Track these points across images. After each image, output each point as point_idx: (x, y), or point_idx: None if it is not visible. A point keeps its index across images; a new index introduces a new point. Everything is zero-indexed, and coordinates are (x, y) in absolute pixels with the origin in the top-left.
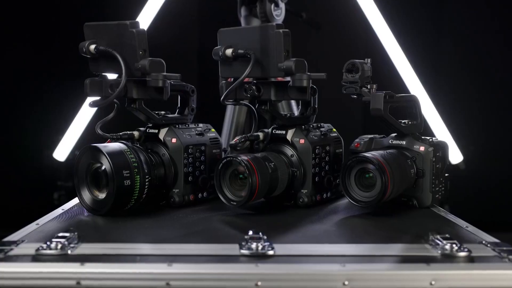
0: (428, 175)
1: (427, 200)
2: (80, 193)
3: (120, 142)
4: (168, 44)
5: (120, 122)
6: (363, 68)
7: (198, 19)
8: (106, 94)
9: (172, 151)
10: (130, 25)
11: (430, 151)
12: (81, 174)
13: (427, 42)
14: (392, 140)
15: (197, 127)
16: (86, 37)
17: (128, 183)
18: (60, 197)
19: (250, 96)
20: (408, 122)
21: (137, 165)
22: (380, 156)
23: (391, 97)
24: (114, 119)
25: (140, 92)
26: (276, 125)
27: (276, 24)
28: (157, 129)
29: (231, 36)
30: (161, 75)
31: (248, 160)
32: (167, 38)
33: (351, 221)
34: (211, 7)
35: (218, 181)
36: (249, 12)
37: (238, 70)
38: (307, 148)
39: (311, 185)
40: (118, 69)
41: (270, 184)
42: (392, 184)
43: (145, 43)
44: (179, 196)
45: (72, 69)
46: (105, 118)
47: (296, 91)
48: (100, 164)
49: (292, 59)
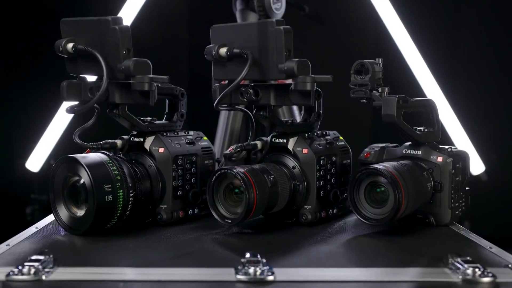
0: (447, 189)
1: (446, 217)
2: (56, 209)
3: (100, 152)
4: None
5: (100, 130)
6: (373, 69)
7: (188, 13)
8: (85, 99)
9: (159, 162)
10: (112, 21)
11: (449, 162)
12: (57, 189)
13: (444, 39)
14: (406, 149)
15: (187, 135)
16: (63, 34)
17: (110, 198)
18: (34, 212)
19: (247, 100)
20: (424, 130)
21: (120, 178)
22: (393, 168)
23: (405, 102)
24: (94, 126)
25: (124, 96)
26: (276, 133)
27: (276, 20)
28: (142, 138)
29: (225, 33)
30: (147, 78)
31: (245, 173)
32: (153, 34)
33: (361, 242)
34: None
35: (211, 196)
36: (245, 6)
37: (233, 71)
38: (311, 159)
39: (315, 200)
40: (98, 70)
41: (270, 200)
42: (406, 200)
43: (129, 41)
44: (167, 212)
45: (47, 69)
46: (84, 125)
47: (298, 96)
48: (78, 177)
49: (294, 59)
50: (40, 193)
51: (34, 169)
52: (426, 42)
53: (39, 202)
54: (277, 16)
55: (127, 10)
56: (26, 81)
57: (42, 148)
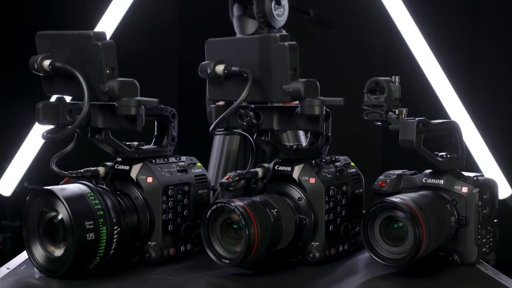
0: (473, 224)
1: (472, 255)
2: (30, 249)
3: (80, 182)
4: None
5: (81, 155)
6: (389, 88)
7: (177, 21)
8: (63, 122)
9: (148, 194)
10: (94, 36)
11: (475, 193)
12: (31, 225)
13: (469, 52)
14: (427, 178)
15: (178, 161)
16: (38, 49)
17: (92, 236)
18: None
19: (246, 124)
20: (446, 156)
21: (103, 213)
22: (411, 200)
23: (425, 125)
24: (73, 151)
25: (107, 120)
26: (279, 159)
27: (280, 34)
28: (128, 165)
29: (222, 48)
30: (133, 101)
31: (244, 207)
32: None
33: (375, 284)
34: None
35: (206, 232)
36: (243, 12)
37: (231, 92)
38: (319, 189)
39: (324, 236)
40: (79, 91)
41: (272, 236)
42: (427, 237)
43: (114, 59)
44: (156, 250)
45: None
46: (62, 151)
47: (305, 120)
48: (55, 212)
49: (300, 79)
50: (12, 219)
51: (6, 192)
52: (447, 53)
53: (12, 229)
54: (279, 23)
55: (107, 18)
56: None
57: (15, 170)
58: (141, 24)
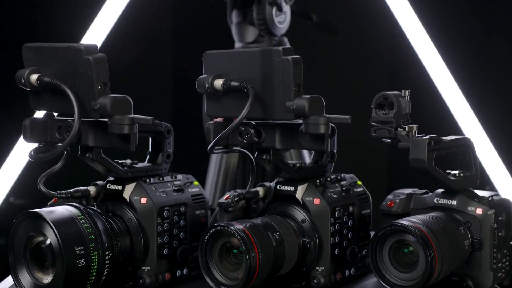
0: (488, 247)
1: (487, 281)
2: (16, 275)
3: (70, 204)
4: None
5: (70, 173)
6: (399, 103)
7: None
8: (52, 139)
9: (141, 215)
10: (85, 50)
11: (490, 214)
12: (18, 250)
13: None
14: (438, 198)
15: (174, 180)
16: (25, 62)
17: (82, 263)
18: None
19: (247, 142)
20: (459, 174)
21: (94, 237)
22: (422, 223)
23: (437, 143)
24: (62, 169)
25: (99, 138)
26: (282, 179)
27: (283, 48)
28: (120, 185)
29: (221, 61)
30: (127, 119)
31: (245, 230)
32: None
33: None
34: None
35: (204, 257)
36: (242, 19)
37: (230, 108)
38: (324, 211)
39: (329, 260)
40: (69, 108)
41: (275, 262)
42: (440, 262)
43: (106, 74)
44: (151, 275)
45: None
46: (50, 170)
47: (310, 139)
48: (43, 237)
49: (304, 96)
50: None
51: None
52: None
53: None
54: (280, 31)
55: (97, 27)
56: None
57: (0, 185)
58: (133, 33)
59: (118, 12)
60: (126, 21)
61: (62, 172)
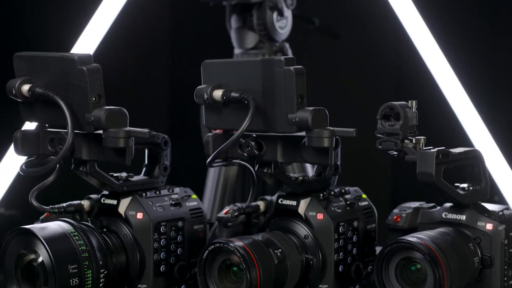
0: (498, 264)
1: None
2: None
3: (62, 220)
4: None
5: (63, 186)
6: (405, 114)
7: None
8: (44, 152)
9: (137, 231)
10: (78, 60)
11: (501, 230)
12: (8, 268)
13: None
14: (447, 213)
15: (172, 193)
16: (17, 72)
17: (76, 282)
18: None
19: (247, 155)
20: (468, 188)
21: (88, 255)
22: (430, 239)
23: (445, 156)
24: (55, 182)
25: (93, 152)
26: (284, 192)
27: (285, 58)
28: (116, 199)
29: (221, 71)
30: (122, 132)
31: (245, 247)
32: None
33: None
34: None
35: (203, 275)
36: (242, 24)
37: (230, 120)
38: (327, 226)
39: (333, 277)
40: (62, 120)
41: (276, 280)
42: (449, 280)
43: (100, 85)
44: None
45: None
46: (42, 183)
47: (313, 153)
48: (35, 254)
49: (307, 108)
50: None
51: None
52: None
53: None
54: (281, 37)
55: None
56: None
57: None
58: (127, 40)
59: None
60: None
61: (55, 185)
